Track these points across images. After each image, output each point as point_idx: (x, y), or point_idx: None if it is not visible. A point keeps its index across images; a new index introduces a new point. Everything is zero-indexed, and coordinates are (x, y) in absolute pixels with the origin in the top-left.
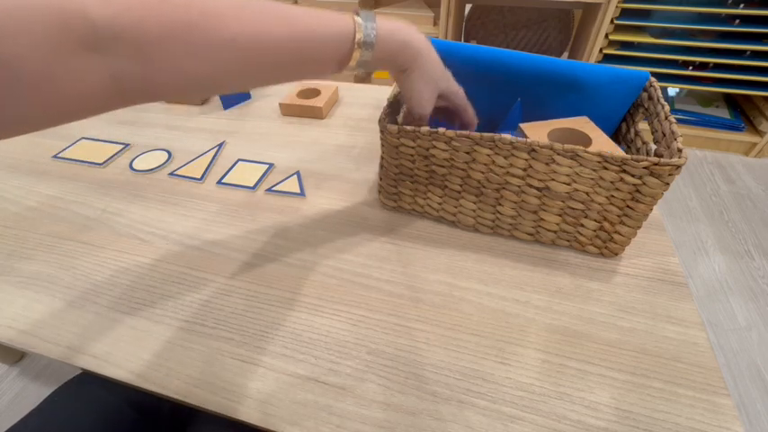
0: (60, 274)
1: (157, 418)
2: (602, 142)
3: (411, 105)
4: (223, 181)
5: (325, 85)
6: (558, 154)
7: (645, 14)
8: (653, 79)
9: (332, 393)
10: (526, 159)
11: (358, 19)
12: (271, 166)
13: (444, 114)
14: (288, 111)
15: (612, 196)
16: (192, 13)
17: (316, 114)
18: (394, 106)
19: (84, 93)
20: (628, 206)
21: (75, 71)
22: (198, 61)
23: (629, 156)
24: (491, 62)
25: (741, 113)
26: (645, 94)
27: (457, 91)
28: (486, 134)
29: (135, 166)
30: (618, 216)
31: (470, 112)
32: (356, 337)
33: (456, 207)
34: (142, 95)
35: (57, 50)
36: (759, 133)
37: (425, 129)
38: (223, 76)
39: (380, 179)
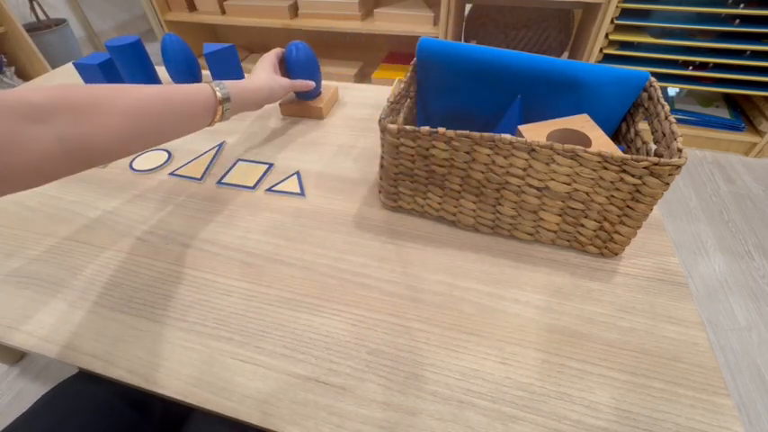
0: (60, 274)
1: (152, 415)
2: (602, 143)
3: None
4: (223, 181)
5: (326, 85)
6: (558, 154)
7: (645, 14)
8: (653, 79)
9: (332, 393)
10: (526, 159)
11: (213, 85)
12: (271, 165)
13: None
14: (287, 111)
15: (612, 196)
16: (102, 91)
17: (316, 114)
18: (394, 106)
19: (37, 156)
20: (628, 206)
21: (27, 140)
22: (116, 120)
23: (629, 156)
24: (491, 62)
25: (741, 113)
26: (645, 94)
27: (281, 88)
28: (485, 134)
29: (135, 166)
30: (618, 216)
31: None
32: (356, 337)
33: (456, 207)
34: (85, 155)
35: (10, 127)
36: (759, 133)
37: (425, 129)
38: (136, 136)
39: (380, 179)
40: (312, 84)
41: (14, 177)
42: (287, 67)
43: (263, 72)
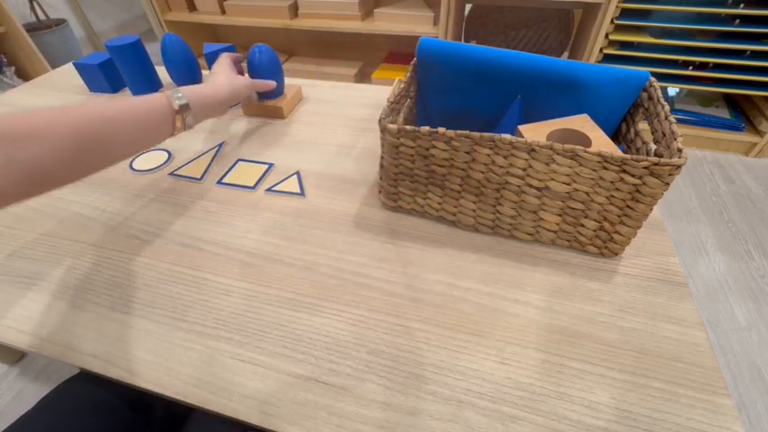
0: (60, 274)
1: (153, 416)
2: (602, 142)
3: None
4: (223, 181)
5: (289, 84)
6: (558, 154)
7: (645, 14)
8: (653, 79)
9: (332, 393)
10: (526, 159)
11: (169, 94)
12: (271, 165)
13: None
14: (249, 110)
15: (612, 196)
16: (51, 112)
17: (277, 114)
18: (394, 106)
19: None
20: (628, 206)
21: None
22: (66, 142)
23: (629, 156)
24: (491, 62)
25: (741, 113)
26: (645, 94)
27: (243, 87)
28: (485, 134)
29: (135, 166)
30: (618, 216)
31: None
32: (356, 337)
33: (456, 207)
34: (38, 179)
35: None
36: (759, 133)
37: (425, 129)
38: (88, 152)
39: (380, 179)
40: (273, 84)
41: None
42: (250, 70)
43: (221, 75)
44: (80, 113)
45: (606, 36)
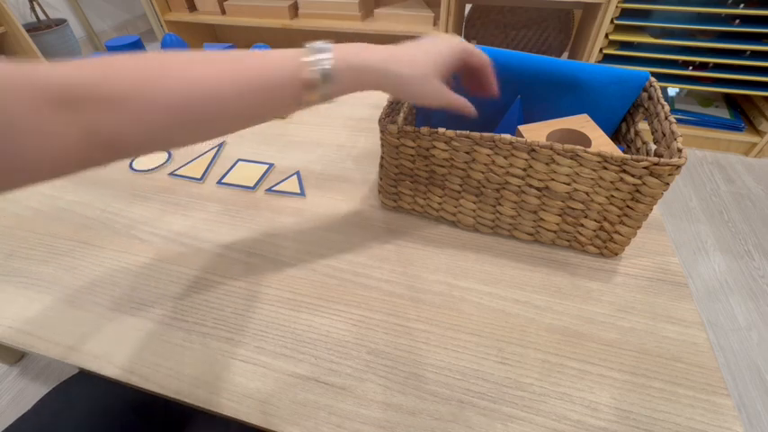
0: (60, 274)
1: (153, 416)
2: (602, 142)
3: (427, 106)
4: (223, 181)
5: None
6: (558, 154)
7: (645, 14)
8: (653, 79)
9: (332, 393)
10: (526, 159)
11: (309, 53)
12: (271, 166)
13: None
14: None
15: (612, 196)
16: (147, 72)
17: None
18: (394, 106)
19: (58, 150)
20: (628, 206)
21: (50, 132)
22: (157, 115)
23: (629, 156)
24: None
25: (741, 113)
26: (645, 94)
27: (472, 50)
28: (486, 134)
29: (135, 166)
30: (618, 216)
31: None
32: (356, 337)
33: (456, 207)
34: (115, 150)
35: (31, 112)
36: (759, 133)
37: (425, 129)
38: (181, 129)
39: (380, 179)
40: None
41: (24, 171)
42: None
43: (430, 45)
44: (183, 83)
45: (606, 36)
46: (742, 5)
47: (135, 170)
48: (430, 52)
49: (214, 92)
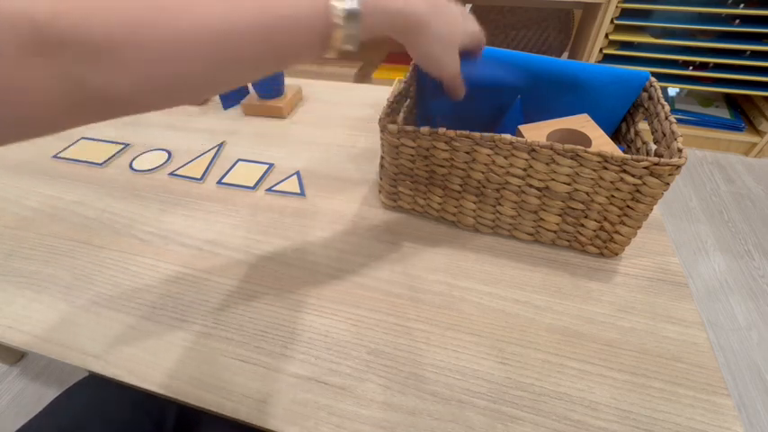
0: (60, 274)
1: (164, 422)
2: (603, 142)
3: (430, 71)
4: (223, 181)
5: (289, 85)
6: (559, 154)
7: (645, 14)
8: (653, 79)
9: (332, 393)
10: (526, 159)
11: None
12: (271, 166)
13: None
14: (250, 110)
15: (612, 196)
16: (144, 8)
17: (277, 113)
18: (394, 106)
19: (42, 104)
20: (628, 206)
21: (26, 80)
22: (157, 63)
23: (629, 156)
24: (491, 62)
25: (741, 113)
26: (645, 94)
27: (481, 41)
28: (486, 134)
29: (135, 166)
30: (618, 216)
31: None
32: (356, 337)
33: (456, 207)
34: (104, 106)
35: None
36: (759, 133)
37: (425, 129)
38: (188, 78)
39: (380, 179)
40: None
41: (5, 128)
42: None
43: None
44: (194, 23)
45: (606, 36)
46: (742, 5)
47: (135, 170)
48: (463, 21)
49: (234, 32)
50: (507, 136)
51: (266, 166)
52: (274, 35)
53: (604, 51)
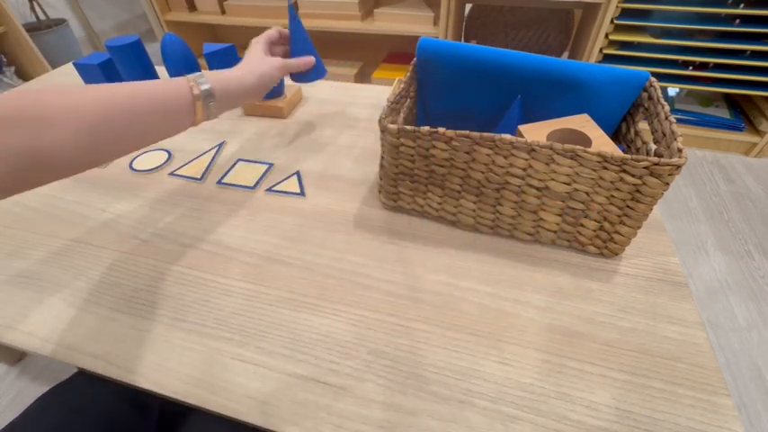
0: (60, 274)
1: (149, 415)
2: (603, 142)
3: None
4: (223, 181)
5: (289, 85)
6: (558, 154)
7: (645, 14)
8: (653, 79)
9: (332, 393)
10: (526, 159)
11: (192, 78)
12: (271, 165)
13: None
14: (250, 110)
15: (612, 196)
16: (69, 96)
17: (277, 114)
18: (394, 106)
19: None
20: (628, 206)
21: None
22: (82, 131)
23: (628, 156)
24: (491, 62)
25: (741, 113)
26: (645, 94)
27: (272, 69)
28: (485, 134)
29: (135, 166)
30: (618, 216)
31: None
32: (356, 337)
33: (456, 207)
34: (38, 172)
35: None
36: (759, 133)
37: (425, 129)
38: (98, 146)
39: (380, 179)
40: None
41: None
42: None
43: (250, 57)
44: (101, 102)
45: (606, 36)
46: (742, 5)
47: (135, 170)
48: (251, 52)
49: (131, 105)
50: (507, 136)
51: (266, 166)
52: (153, 114)
53: (604, 51)
